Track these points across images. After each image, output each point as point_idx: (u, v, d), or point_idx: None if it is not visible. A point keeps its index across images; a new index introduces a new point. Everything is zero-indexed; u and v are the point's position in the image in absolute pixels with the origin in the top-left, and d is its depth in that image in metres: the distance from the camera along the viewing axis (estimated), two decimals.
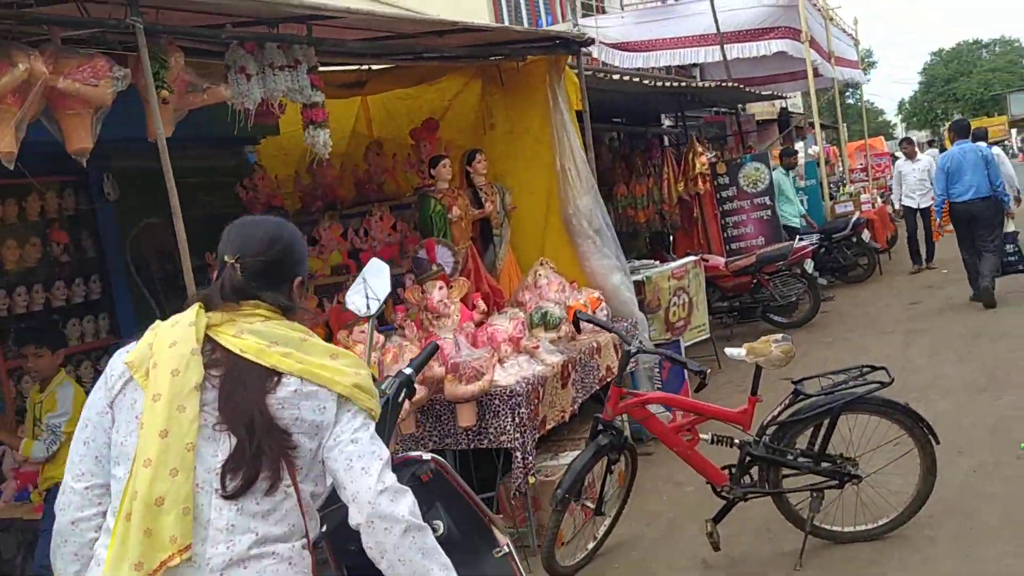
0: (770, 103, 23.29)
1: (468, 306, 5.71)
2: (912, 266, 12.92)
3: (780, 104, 24.38)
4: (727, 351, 4.36)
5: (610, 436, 4.14)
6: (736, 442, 4.27)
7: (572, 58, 6.72)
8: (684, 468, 4.67)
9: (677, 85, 9.95)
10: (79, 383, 5.39)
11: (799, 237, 10.87)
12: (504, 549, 2.51)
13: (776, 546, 4.53)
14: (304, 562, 1.93)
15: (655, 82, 9.15)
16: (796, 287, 10.30)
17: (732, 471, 4.23)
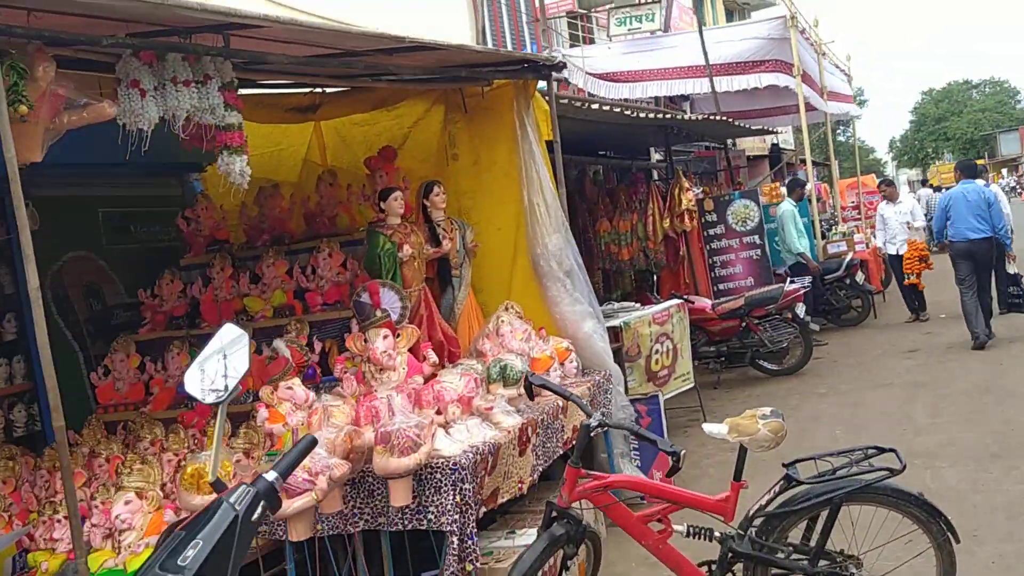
0: (760, 139, 22.92)
1: (418, 357, 5.04)
2: (909, 315, 12.29)
3: (771, 140, 24.02)
4: (705, 428, 3.69)
5: (566, 526, 3.46)
6: (717, 535, 3.59)
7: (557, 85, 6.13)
8: None
9: (662, 117, 9.38)
10: None
11: (790, 279, 10.26)
12: None
13: None
14: None
15: (638, 113, 8.57)
16: (787, 332, 9.67)
17: (711, 569, 3.55)
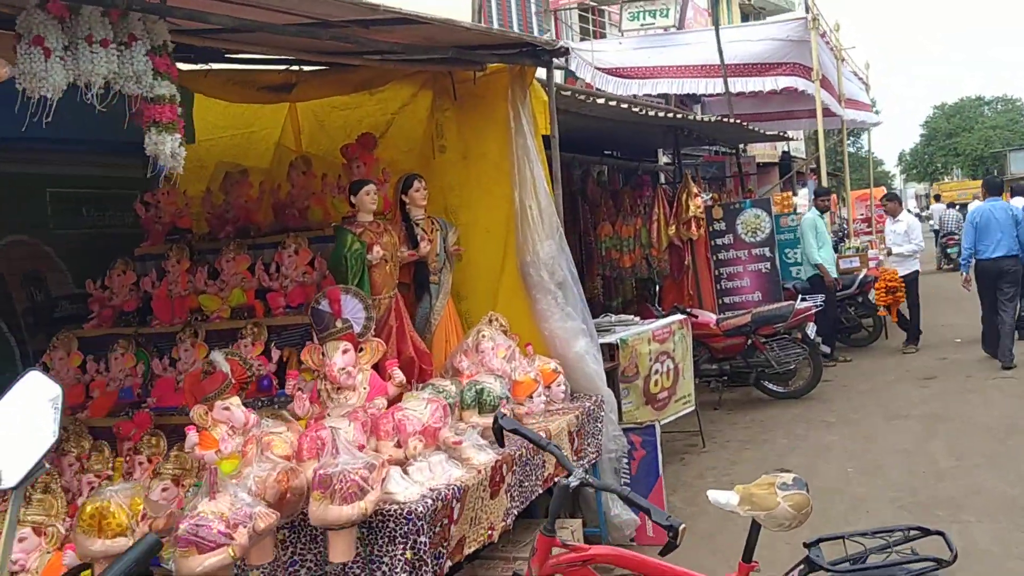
0: (771, 145, 22.27)
1: (384, 375, 4.42)
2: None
3: (781, 147, 23.36)
4: (711, 496, 3.04)
5: None
6: None
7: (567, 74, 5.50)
8: None
9: (672, 116, 8.74)
10: None
11: (801, 297, 9.62)
12: None
13: None
14: None
15: (647, 110, 7.93)
16: (795, 353, 9.04)
17: None
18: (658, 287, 9.63)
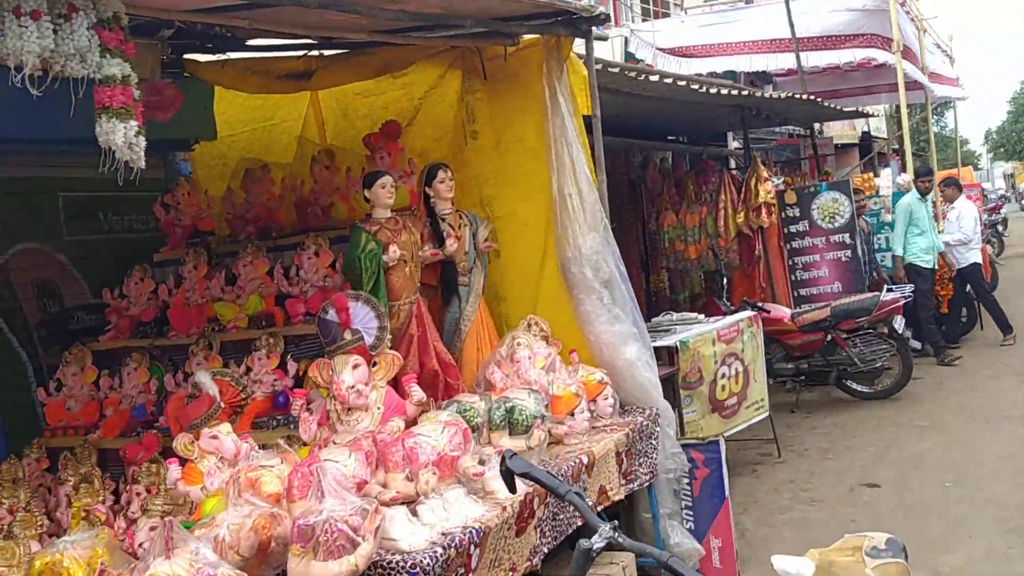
0: (850, 125, 21.12)
1: (402, 392, 3.89)
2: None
3: (861, 127, 22.14)
4: (776, 565, 2.39)
5: None
6: None
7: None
8: None
9: (737, 93, 8.01)
10: None
11: (887, 287, 8.77)
12: None
13: None
14: None
15: (708, 87, 7.24)
16: (881, 349, 8.23)
17: None
18: (726, 280, 8.91)
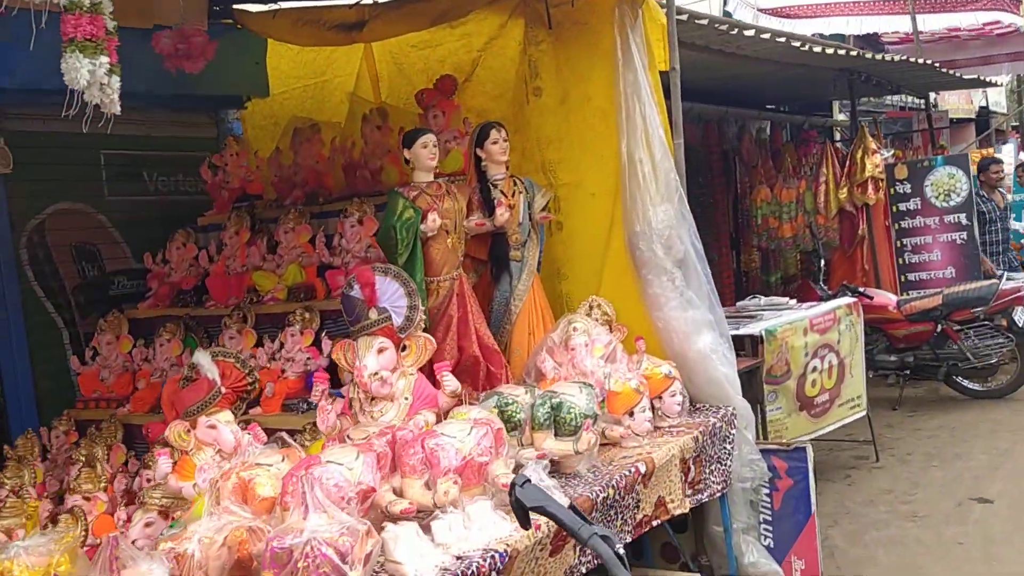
0: (967, 98, 19.61)
1: (436, 381, 3.41)
2: None
3: (978, 101, 20.56)
4: None
5: None
6: None
7: None
8: None
9: (845, 54, 7.20)
10: None
11: (1006, 275, 7.86)
12: None
13: None
14: None
15: (809, 46, 6.48)
16: (998, 344, 7.36)
17: None
18: (823, 262, 8.14)
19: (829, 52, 6.87)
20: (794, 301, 6.18)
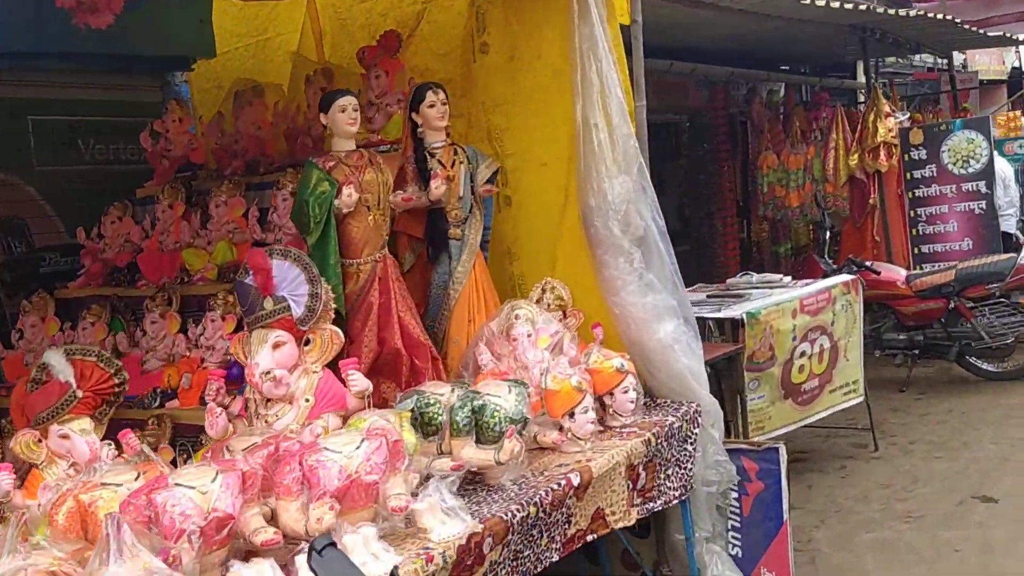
0: (999, 59, 18.74)
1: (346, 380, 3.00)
2: None
3: (1011, 62, 19.65)
4: None
5: None
6: None
7: None
8: None
9: (853, 8, 6.63)
10: None
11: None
12: None
13: None
14: None
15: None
16: (1015, 322, 6.84)
17: None
18: (828, 234, 7.65)
19: (835, 6, 6.30)
20: (789, 278, 5.71)
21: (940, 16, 8.02)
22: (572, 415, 3.17)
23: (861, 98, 11.32)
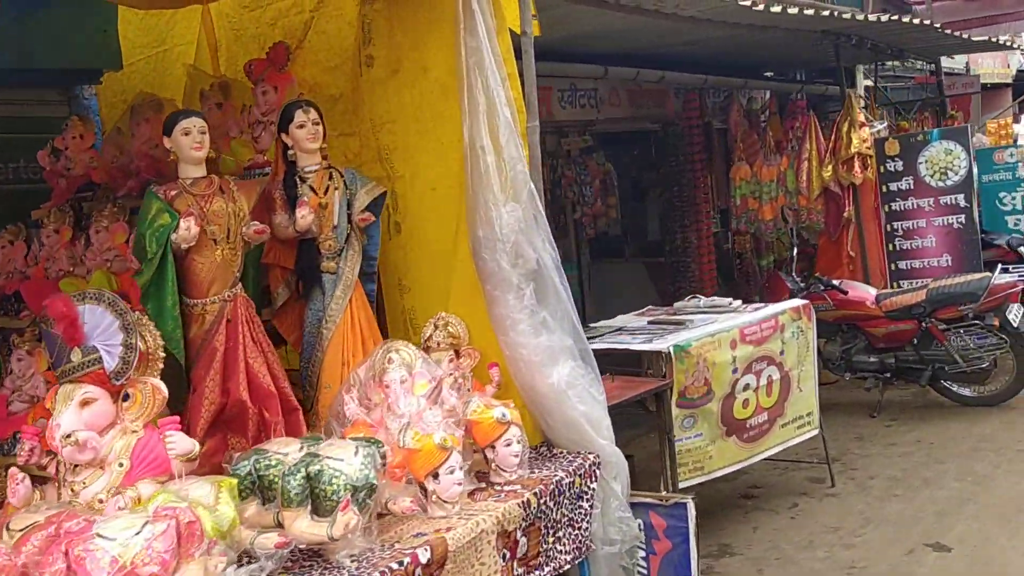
0: (1003, 62, 18.31)
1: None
2: None
3: (1016, 64, 19.17)
4: None
5: None
6: None
7: None
8: None
9: (814, 14, 6.24)
10: None
11: (1001, 267, 6.90)
12: None
13: None
14: None
15: (764, 4, 5.55)
16: (990, 345, 6.44)
17: None
18: (796, 250, 7.25)
19: (792, 11, 5.92)
20: (739, 302, 5.33)
21: (917, 21, 7.63)
22: (436, 476, 2.82)
23: (863, 100, 10.89)
